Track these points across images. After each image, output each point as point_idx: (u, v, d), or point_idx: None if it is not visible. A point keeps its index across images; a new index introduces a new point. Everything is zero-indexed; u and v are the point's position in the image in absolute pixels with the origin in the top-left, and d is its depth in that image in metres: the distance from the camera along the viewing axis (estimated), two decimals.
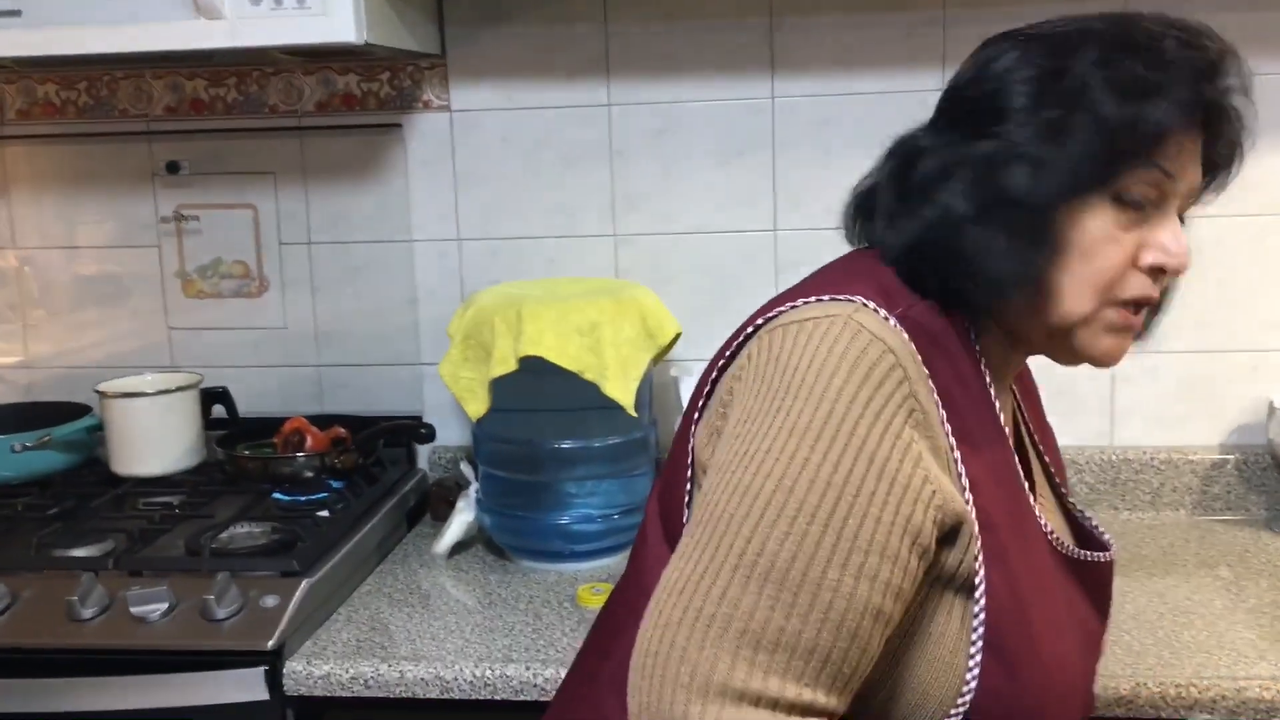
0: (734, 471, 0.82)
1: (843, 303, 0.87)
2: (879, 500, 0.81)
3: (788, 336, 0.86)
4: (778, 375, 0.84)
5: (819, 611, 0.79)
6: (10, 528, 1.74)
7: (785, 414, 0.82)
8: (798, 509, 0.80)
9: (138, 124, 2.01)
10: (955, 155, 0.90)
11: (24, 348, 2.12)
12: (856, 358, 0.83)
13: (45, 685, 1.44)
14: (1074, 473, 1.86)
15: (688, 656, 0.78)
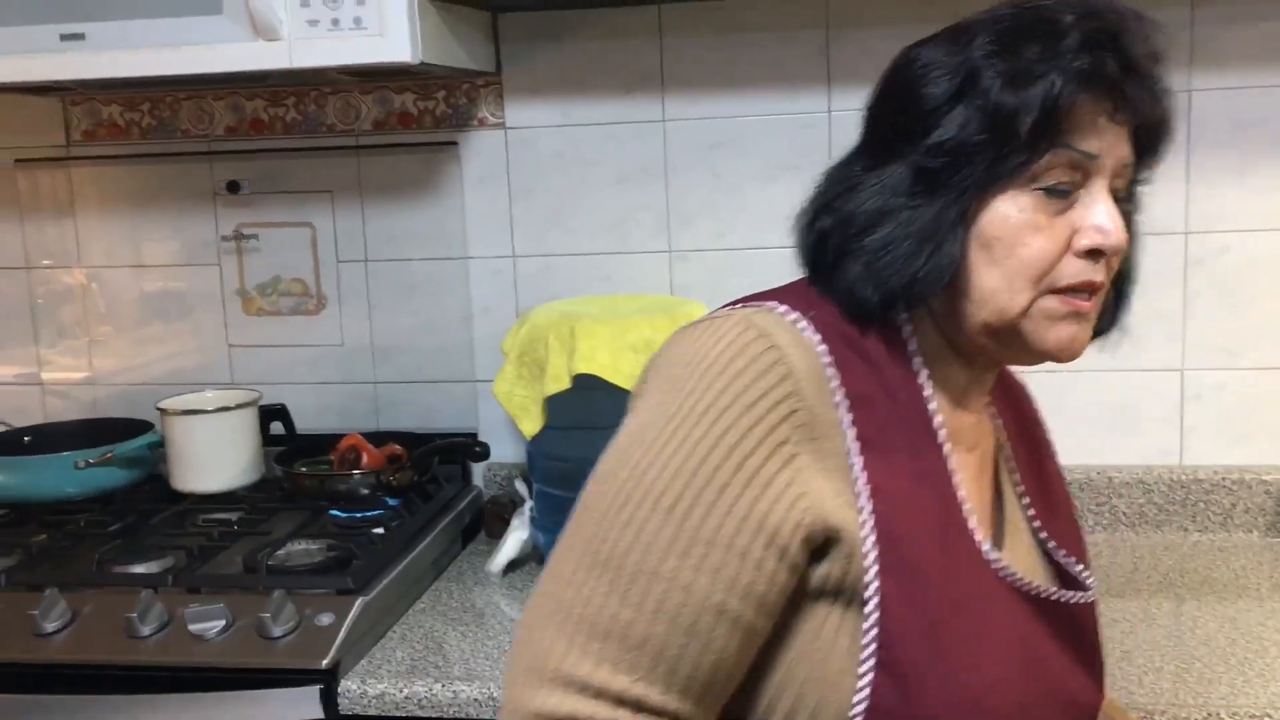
0: (603, 460, 0.83)
1: (754, 307, 0.87)
2: (731, 494, 0.78)
3: (683, 336, 0.86)
4: (661, 370, 0.85)
5: (653, 601, 0.77)
6: (73, 544, 1.76)
7: (658, 406, 0.82)
8: (644, 495, 0.78)
9: (199, 144, 2.04)
10: (856, 165, 0.91)
11: (89, 364, 2.15)
12: (737, 353, 0.81)
13: (104, 702, 1.45)
14: (1141, 493, 1.82)
15: (533, 639, 0.79)
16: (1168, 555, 1.73)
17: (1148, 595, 1.58)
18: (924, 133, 0.86)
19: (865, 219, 0.88)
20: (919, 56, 0.89)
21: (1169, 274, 1.81)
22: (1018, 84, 0.83)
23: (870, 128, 0.93)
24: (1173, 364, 1.83)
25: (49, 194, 2.10)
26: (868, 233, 0.87)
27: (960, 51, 0.86)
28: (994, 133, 0.83)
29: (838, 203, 0.90)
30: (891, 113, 0.89)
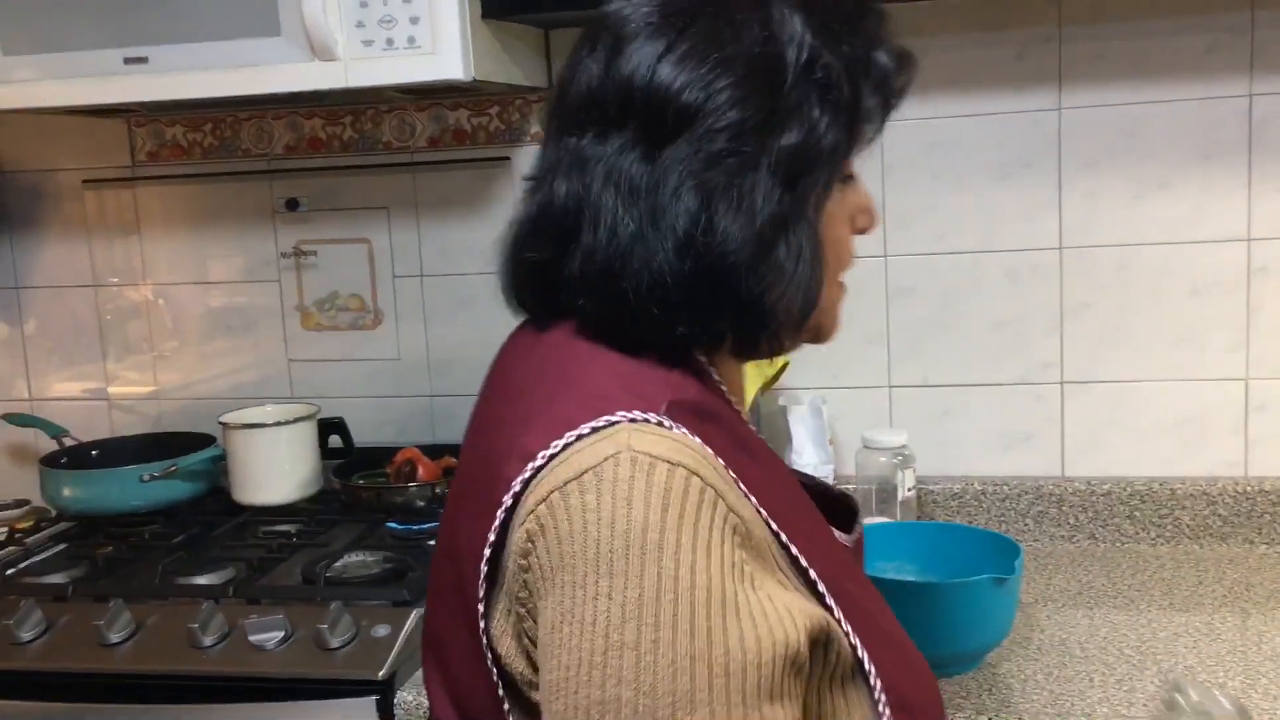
0: (580, 690, 0.68)
1: (605, 431, 0.73)
2: (748, 647, 0.69)
3: (570, 502, 0.71)
4: (579, 552, 0.70)
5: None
6: (138, 556, 1.80)
7: (606, 597, 0.68)
8: (671, 704, 0.67)
9: (259, 163, 2.08)
10: (696, 174, 0.77)
11: (154, 379, 2.20)
12: (661, 498, 0.70)
13: (167, 711, 1.48)
14: (1206, 504, 1.78)
15: None
16: (1233, 569, 1.70)
17: (1212, 609, 1.55)
18: (761, 128, 0.78)
19: (768, 226, 0.78)
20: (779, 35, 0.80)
21: (1231, 282, 1.78)
22: (857, 82, 0.82)
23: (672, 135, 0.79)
24: (1237, 373, 1.79)
25: (115, 213, 2.15)
26: (774, 242, 0.78)
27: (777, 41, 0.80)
28: (845, 136, 0.81)
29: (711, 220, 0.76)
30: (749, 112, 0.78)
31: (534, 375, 0.83)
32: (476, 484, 0.80)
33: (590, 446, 0.73)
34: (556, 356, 0.82)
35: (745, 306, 0.79)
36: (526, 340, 0.89)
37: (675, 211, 0.76)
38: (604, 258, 0.78)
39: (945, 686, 1.36)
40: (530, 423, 0.78)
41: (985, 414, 1.88)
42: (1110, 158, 1.79)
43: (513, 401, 0.83)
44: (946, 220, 1.85)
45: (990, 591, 1.35)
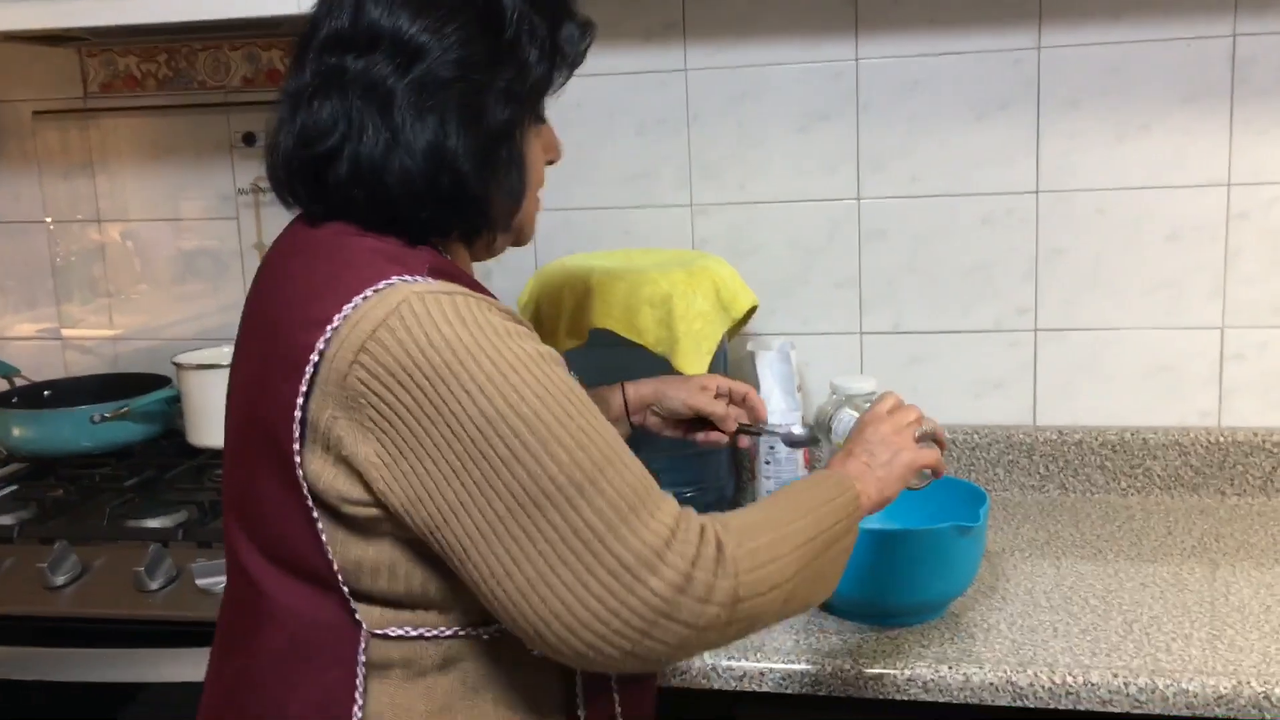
0: (487, 457, 0.87)
1: (384, 289, 0.91)
2: (559, 373, 0.92)
3: (387, 340, 0.89)
4: (414, 375, 0.88)
5: (622, 454, 0.91)
6: (87, 498, 1.76)
7: (463, 388, 0.87)
8: (556, 423, 0.88)
9: (216, 95, 2.01)
10: (436, 95, 0.96)
11: (109, 319, 2.14)
12: (455, 314, 0.90)
13: (112, 655, 1.45)
14: (1178, 455, 1.76)
15: (624, 563, 0.86)
16: (1203, 519, 1.67)
17: (1179, 560, 1.53)
18: (485, 66, 0.99)
19: (490, 142, 1.00)
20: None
21: (1210, 228, 1.74)
22: (555, 26, 1.05)
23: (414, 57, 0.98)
24: (1213, 322, 1.76)
25: (66, 147, 2.08)
26: (494, 155, 1.01)
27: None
28: (543, 72, 1.04)
29: (447, 133, 0.97)
30: (479, 47, 0.99)
31: (312, 261, 0.98)
32: (273, 357, 0.95)
33: (379, 300, 0.90)
34: (330, 245, 0.98)
35: (471, 203, 1.00)
36: (299, 235, 1.03)
37: (420, 125, 0.96)
38: (368, 162, 0.96)
39: (908, 635, 1.34)
40: (318, 297, 0.93)
41: (957, 361, 1.84)
42: (1090, 99, 1.74)
43: (295, 283, 0.97)
44: (921, 162, 1.80)
45: (954, 540, 1.32)
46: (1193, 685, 1.20)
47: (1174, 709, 1.20)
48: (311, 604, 0.95)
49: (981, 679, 1.24)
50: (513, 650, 0.98)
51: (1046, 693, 1.23)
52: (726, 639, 0.92)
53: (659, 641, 0.87)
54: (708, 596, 0.88)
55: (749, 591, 0.90)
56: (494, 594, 0.88)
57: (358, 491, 0.91)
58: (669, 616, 0.86)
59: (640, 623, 0.86)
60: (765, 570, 0.92)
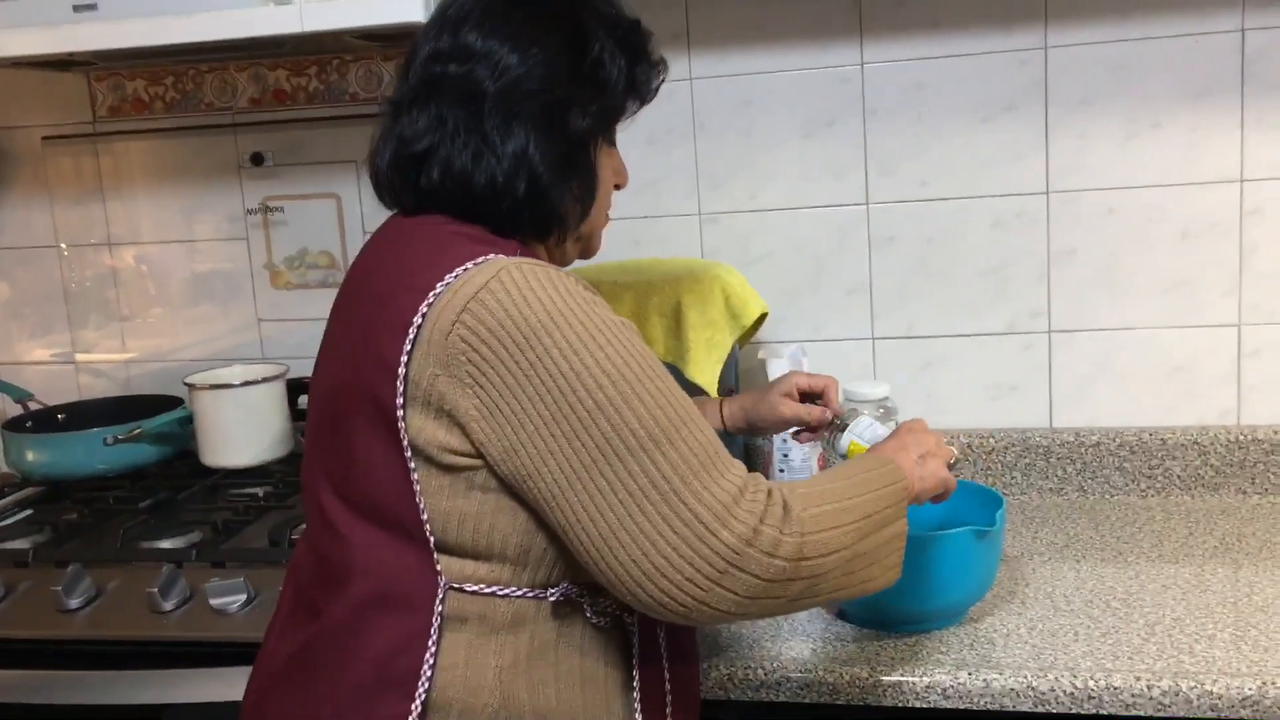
0: (573, 409, 0.95)
1: (484, 264, 1.00)
2: (640, 341, 1.00)
3: (488, 304, 0.97)
4: (512, 333, 0.96)
5: (695, 423, 0.98)
6: (101, 520, 1.75)
7: (555, 346, 0.95)
8: (638, 380, 0.96)
9: (223, 116, 2.02)
10: (522, 107, 1.05)
11: (121, 341, 2.15)
12: (549, 282, 0.98)
13: (127, 676, 1.44)
14: (1197, 455, 1.74)
15: (698, 515, 0.94)
16: (1225, 519, 1.65)
17: (1202, 560, 1.51)
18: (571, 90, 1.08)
19: (568, 153, 1.09)
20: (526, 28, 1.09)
21: (1224, 224, 1.72)
22: (633, 58, 1.13)
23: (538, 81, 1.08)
24: (1229, 319, 1.74)
25: (76, 171, 2.09)
26: (570, 166, 1.09)
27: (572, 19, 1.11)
28: (619, 95, 1.12)
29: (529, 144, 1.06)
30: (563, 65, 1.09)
31: (411, 243, 1.07)
32: (376, 323, 1.02)
33: (479, 270, 0.99)
34: (427, 231, 1.07)
35: (544, 202, 1.08)
36: (398, 224, 1.12)
37: (505, 136, 1.05)
38: (459, 167, 1.06)
39: (926, 641, 1.32)
40: (421, 270, 1.02)
41: (971, 365, 1.83)
42: (1099, 97, 1.73)
43: (397, 260, 1.06)
44: (930, 166, 1.79)
45: (971, 544, 1.31)
46: (1217, 687, 1.18)
47: (1198, 711, 1.18)
48: (397, 554, 1.02)
49: (1002, 685, 1.23)
50: (577, 619, 1.05)
51: (1068, 698, 1.21)
52: (789, 596, 0.97)
53: (729, 591, 0.94)
54: (774, 550, 0.94)
55: (813, 550, 0.97)
56: (579, 539, 0.96)
57: (457, 441, 0.98)
58: (738, 567, 0.93)
59: (711, 571, 0.93)
60: (828, 534, 0.99)
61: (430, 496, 1.00)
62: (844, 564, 1.01)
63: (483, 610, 1.02)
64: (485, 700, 1.01)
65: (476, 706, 1.01)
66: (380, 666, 1.00)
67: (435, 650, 1.00)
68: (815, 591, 0.99)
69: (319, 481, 1.08)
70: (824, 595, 1.01)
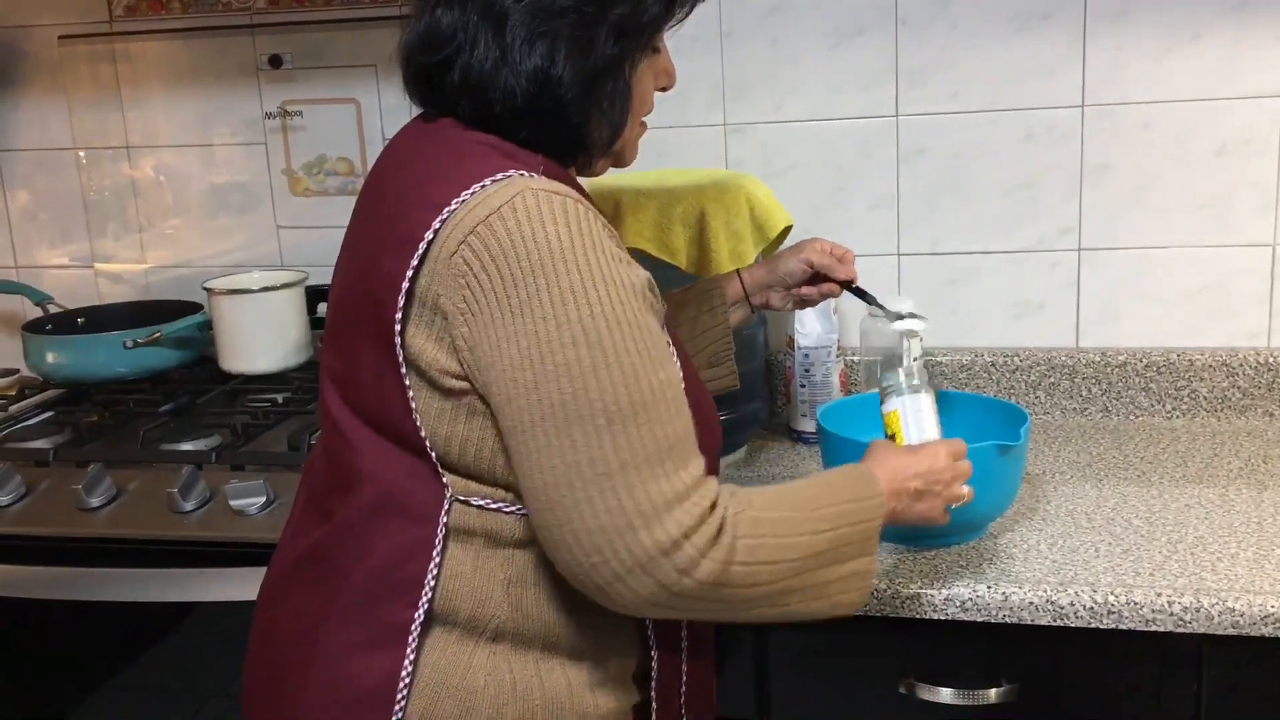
0: (544, 360, 0.92)
1: (503, 180, 0.96)
2: (639, 309, 0.96)
3: (495, 229, 0.93)
4: (515, 263, 0.93)
5: (669, 408, 0.95)
6: (122, 422, 1.76)
7: (547, 290, 0.92)
8: (615, 352, 0.93)
9: (241, 17, 1.98)
10: (548, 21, 0.99)
11: (140, 245, 2.14)
12: (564, 217, 0.94)
13: (147, 575, 1.46)
14: (1224, 376, 1.71)
15: (625, 507, 0.91)
16: (1250, 441, 1.63)
17: (1226, 482, 1.49)
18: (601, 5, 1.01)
19: (595, 73, 1.02)
20: None
21: (1261, 141, 1.68)
22: None
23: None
24: (1264, 239, 1.71)
25: (93, 74, 2.06)
26: (599, 86, 1.02)
27: None
28: (660, 9, 1.04)
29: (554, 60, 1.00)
30: None
31: (430, 152, 1.03)
32: (388, 234, 1.00)
33: (497, 190, 0.95)
34: (446, 139, 1.04)
35: (569, 128, 1.03)
36: (417, 129, 1.08)
37: (530, 48, 0.99)
38: (477, 75, 1.01)
39: (945, 555, 1.32)
40: (437, 183, 0.98)
41: (997, 282, 1.80)
42: (1138, 8, 1.67)
43: (415, 168, 1.03)
44: (961, 77, 1.75)
45: (994, 459, 1.30)
46: (1239, 604, 1.17)
47: (1219, 628, 1.18)
48: (404, 463, 1.01)
49: (1021, 598, 1.22)
50: None
51: (1088, 612, 1.21)
52: (697, 613, 0.96)
53: (630, 589, 0.92)
54: (688, 569, 0.92)
55: (738, 580, 0.94)
56: (522, 483, 0.94)
57: (455, 364, 0.97)
58: (646, 571, 0.91)
59: (619, 566, 0.91)
60: (759, 569, 0.96)
61: (431, 419, 0.99)
62: (773, 596, 0.98)
63: (490, 525, 1.01)
64: (493, 612, 1.01)
65: (484, 617, 1.01)
66: (384, 572, 1.00)
67: (440, 560, 1.00)
68: (735, 613, 0.98)
69: (329, 389, 1.07)
70: (748, 618, 0.99)
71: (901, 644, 1.29)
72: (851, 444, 1.35)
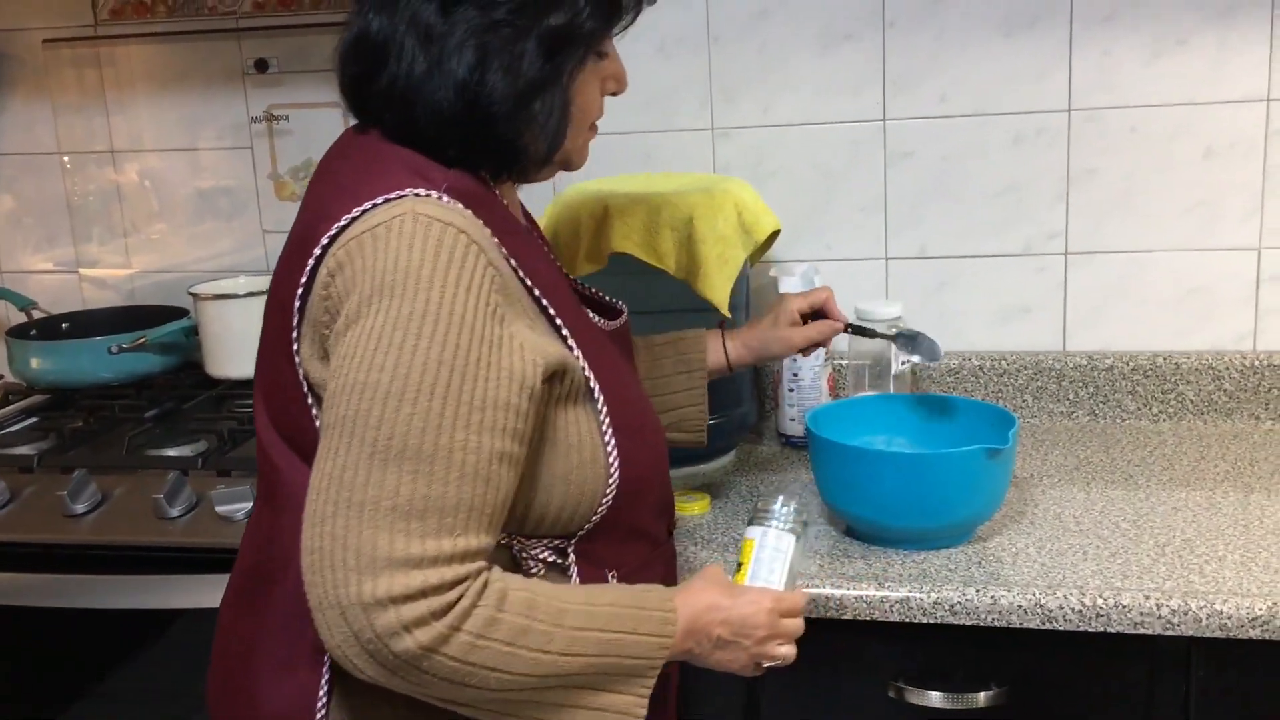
0: (352, 373, 0.89)
1: (395, 200, 0.93)
2: (484, 364, 0.90)
3: (365, 246, 0.91)
4: (369, 282, 0.90)
5: (455, 471, 0.88)
6: (106, 428, 1.75)
7: (385, 312, 0.89)
8: (416, 389, 0.88)
9: (227, 21, 1.98)
10: (478, 34, 0.96)
11: (125, 250, 2.12)
12: (435, 247, 0.90)
13: (133, 581, 1.45)
14: (1211, 379, 1.72)
15: (349, 543, 0.86)
16: (1237, 444, 1.64)
17: (1213, 485, 1.50)
18: (536, 8, 0.97)
19: (528, 87, 0.98)
20: None
21: (1246, 145, 1.68)
22: None
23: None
24: (1249, 243, 1.71)
25: (78, 77, 2.05)
26: (531, 100, 0.99)
27: None
28: (602, 15, 1.01)
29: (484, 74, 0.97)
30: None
31: (348, 165, 1.02)
32: (297, 246, 0.99)
33: (384, 209, 0.93)
34: (366, 151, 1.01)
35: (501, 145, 1.00)
36: (344, 142, 1.07)
37: (458, 61, 0.96)
38: (402, 86, 0.98)
39: (934, 559, 1.32)
40: (339, 198, 0.97)
41: (985, 286, 1.80)
42: (1125, 12, 1.68)
43: (327, 182, 1.03)
44: (949, 81, 1.75)
45: (982, 463, 1.30)
46: (1227, 607, 1.18)
47: (1207, 630, 1.18)
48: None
49: (1010, 602, 1.22)
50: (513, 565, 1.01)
51: (1076, 615, 1.21)
52: (381, 676, 0.88)
53: (325, 625, 0.87)
54: (384, 636, 0.85)
55: (437, 670, 0.87)
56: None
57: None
58: (343, 616, 0.85)
59: (321, 596, 0.86)
60: (473, 670, 0.88)
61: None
62: (498, 703, 0.92)
63: None
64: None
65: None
66: (302, 602, 0.93)
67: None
68: (427, 693, 0.90)
69: (258, 404, 1.05)
70: (476, 714, 0.93)
71: (891, 648, 1.29)
72: (840, 448, 1.35)
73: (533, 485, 0.99)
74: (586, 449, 1.00)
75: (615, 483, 1.02)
